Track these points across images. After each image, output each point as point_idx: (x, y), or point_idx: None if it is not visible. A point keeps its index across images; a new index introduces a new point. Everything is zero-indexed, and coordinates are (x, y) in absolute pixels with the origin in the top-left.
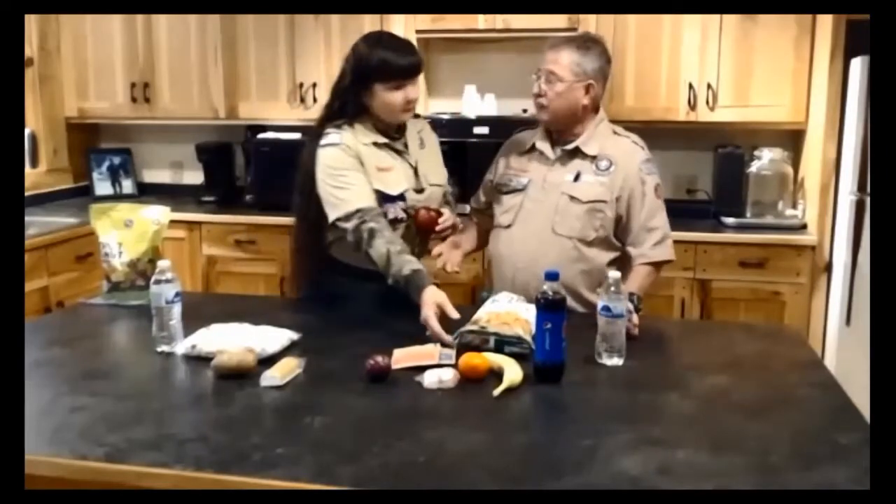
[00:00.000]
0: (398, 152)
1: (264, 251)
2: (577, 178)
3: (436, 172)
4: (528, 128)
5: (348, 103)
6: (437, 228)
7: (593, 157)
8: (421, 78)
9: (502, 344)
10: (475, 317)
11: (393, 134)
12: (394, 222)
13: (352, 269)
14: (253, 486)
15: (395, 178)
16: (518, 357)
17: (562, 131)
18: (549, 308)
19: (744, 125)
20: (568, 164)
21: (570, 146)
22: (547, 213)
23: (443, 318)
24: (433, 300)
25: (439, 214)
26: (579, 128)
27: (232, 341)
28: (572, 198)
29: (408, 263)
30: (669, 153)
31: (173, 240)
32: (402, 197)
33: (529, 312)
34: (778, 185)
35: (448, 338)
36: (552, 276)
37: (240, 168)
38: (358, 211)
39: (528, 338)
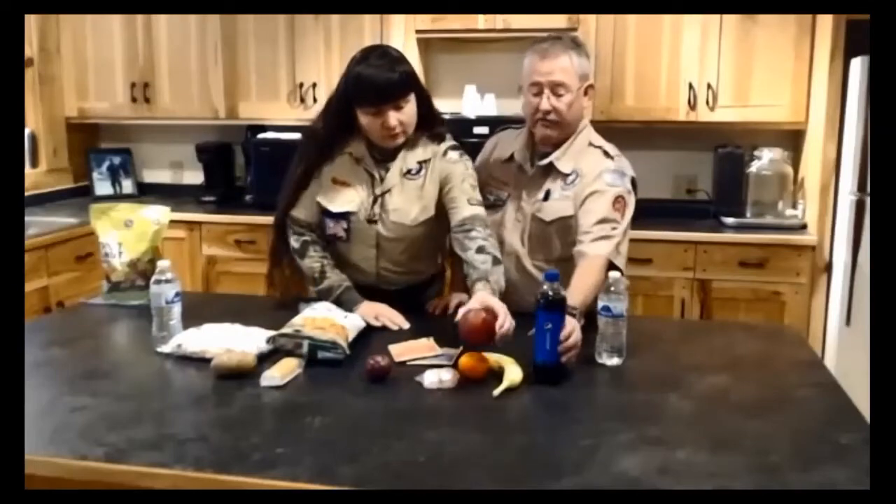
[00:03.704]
0: (370, 175)
1: (264, 251)
2: (546, 196)
3: (411, 211)
4: (513, 128)
5: (333, 117)
6: (497, 339)
7: (566, 175)
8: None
9: (316, 349)
10: (291, 321)
11: (376, 154)
12: (332, 238)
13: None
14: (253, 486)
15: (346, 198)
16: (332, 362)
17: (559, 145)
18: (550, 308)
19: (744, 125)
20: (540, 183)
21: (545, 162)
22: (520, 237)
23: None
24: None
25: (494, 317)
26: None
27: (216, 342)
28: (540, 220)
29: (338, 282)
30: (669, 153)
31: (173, 240)
32: (344, 216)
33: (347, 320)
34: (778, 185)
35: (400, 319)
36: (552, 277)
37: (240, 168)
38: (296, 220)
39: (344, 343)
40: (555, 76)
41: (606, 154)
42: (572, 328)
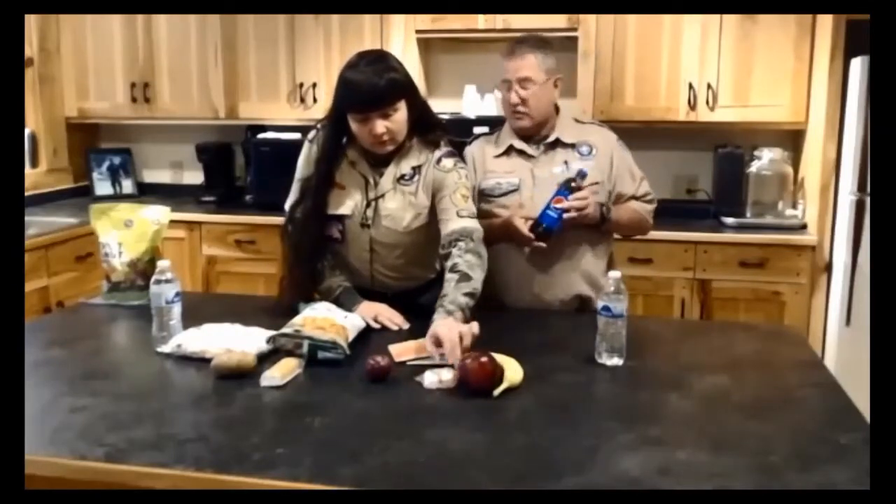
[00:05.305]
0: (365, 179)
1: (264, 251)
2: (566, 166)
3: (404, 217)
4: (485, 135)
5: (332, 122)
6: (464, 351)
7: (573, 145)
8: (422, 83)
9: (316, 349)
10: (291, 321)
11: (371, 158)
12: (329, 239)
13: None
14: (253, 486)
15: (340, 200)
16: (332, 362)
17: (535, 133)
18: (565, 188)
19: (744, 125)
20: (552, 157)
21: (550, 139)
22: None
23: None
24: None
25: (490, 360)
26: (549, 123)
27: (216, 342)
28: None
29: (338, 282)
30: (669, 153)
31: (173, 240)
32: (339, 218)
33: (347, 320)
34: (778, 185)
35: (400, 319)
36: (583, 175)
37: (240, 168)
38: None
39: (344, 343)
40: (521, 72)
41: (601, 127)
42: (581, 196)
